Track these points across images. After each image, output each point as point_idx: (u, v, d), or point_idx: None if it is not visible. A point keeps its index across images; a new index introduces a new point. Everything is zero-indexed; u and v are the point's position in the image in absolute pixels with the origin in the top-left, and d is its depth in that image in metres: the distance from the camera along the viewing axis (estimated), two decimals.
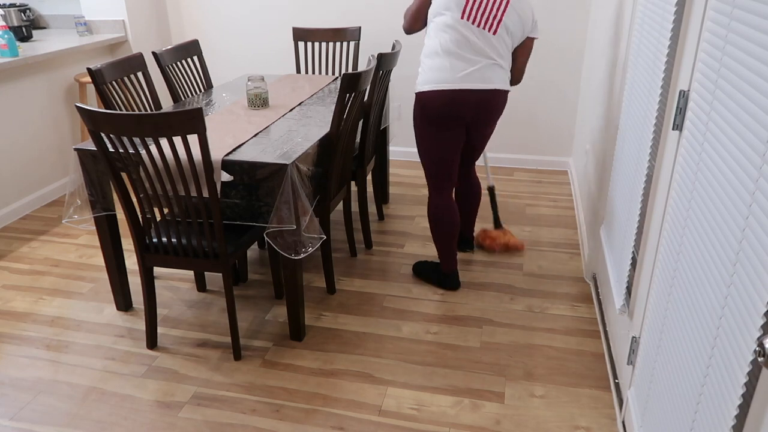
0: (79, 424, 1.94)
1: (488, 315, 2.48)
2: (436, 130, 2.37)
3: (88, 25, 3.99)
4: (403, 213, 3.45)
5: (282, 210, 2.04)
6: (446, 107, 2.30)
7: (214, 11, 4.26)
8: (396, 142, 4.32)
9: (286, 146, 2.19)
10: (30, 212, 3.51)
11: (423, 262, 2.75)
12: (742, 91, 1.07)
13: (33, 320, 2.49)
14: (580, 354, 2.24)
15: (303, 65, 4.11)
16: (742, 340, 0.96)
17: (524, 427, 1.91)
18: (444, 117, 2.33)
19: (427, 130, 2.39)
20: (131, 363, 2.23)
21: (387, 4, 3.94)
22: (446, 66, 2.26)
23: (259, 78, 2.69)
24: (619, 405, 1.94)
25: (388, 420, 1.94)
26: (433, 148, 2.42)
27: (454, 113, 2.31)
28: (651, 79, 1.79)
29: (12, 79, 3.32)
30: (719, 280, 1.10)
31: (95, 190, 2.27)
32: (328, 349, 2.29)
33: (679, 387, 1.28)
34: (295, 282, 2.23)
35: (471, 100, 2.29)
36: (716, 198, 1.15)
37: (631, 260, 1.91)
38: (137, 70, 2.73)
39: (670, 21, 1.61)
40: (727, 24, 1.16)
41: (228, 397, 2.05)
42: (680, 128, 1.47)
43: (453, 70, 2.26)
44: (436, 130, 2.37)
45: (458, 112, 2.31)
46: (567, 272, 2.80)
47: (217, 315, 2.52)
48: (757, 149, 0.98)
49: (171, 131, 1.82)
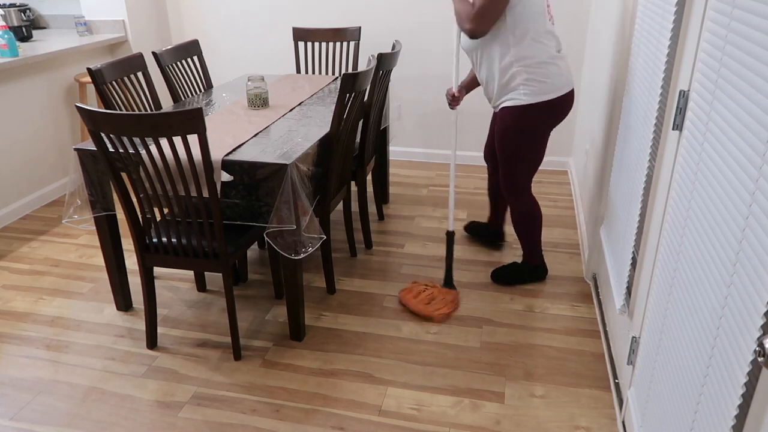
0: (79, 424, 1.94)
1: (488, 315, 2.48)
2: (548, 136, 2.40)
3: (88, 25, 3.99)
4: (403, 213, 3.44)
5: (282, 210, 2.04)
6: (569, 110, 2.36)
7: (214, 11, 4.26)
8: (396, 142, 4.32)
9: (286, 146, 2.19)
10: (30, 212, 3.51)
11: (503, 272, 2.70)
12: (742, 91, 1.07)
13: (33, 320, 2.49)
14: (580, 354, 2.24)
15: (303, 65, 4.11)
16: (742, 340, 0.96)
17: (524, 427, 1.91)
18: (562, 120, 2.38)
19: (544, 138, 2.38)
20: (131, 363, 2.23)
21: (387, 4, 3.94)
22: (561, 69, 2.30)
23: (259, 78, 2.69)
24: (619, 405, 1.94)
25: (388, 420, 1.94)
26: (540, 152, 2.42)
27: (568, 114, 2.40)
28: (651, 79, 1.79)
29: (12, 79, 3.32)
30: (719, 280, 1.10)
31: (95, 190, 2.27)
32: (328, 349, 2.29)
33: (679, 387, 1.28)
34: (295, 282, 2.23)
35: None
36: (716, 198, 1.15)
37: (631, 260, 1.91)
38: (137, 70, 2.73)
39: (670, 21, 1.61)
40: (727, 24, 1.16)
41: (228, 397, 2.05)
42: (680, 128, 1.47)
43: (566, 71, 2.33)
44: (548, 135, 2.40)
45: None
46: (567, 272, 2.80)
47: (217, 315, 2.52)
48: (757, 149, 0.98)
49: (171, 131, 1.82)
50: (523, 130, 2.35)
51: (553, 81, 2.28)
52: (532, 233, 2.60)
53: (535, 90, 2.27)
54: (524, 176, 2.47)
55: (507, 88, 2.32)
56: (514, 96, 2.31)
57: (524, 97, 2.29)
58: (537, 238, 2.62)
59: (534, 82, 2.27)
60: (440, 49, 3.96)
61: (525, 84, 2.27)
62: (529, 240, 2.62)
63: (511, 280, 2.69)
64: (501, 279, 2.69)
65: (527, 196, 2.52)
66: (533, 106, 2.29)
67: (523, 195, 2.51)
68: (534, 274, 2.69)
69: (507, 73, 2.29)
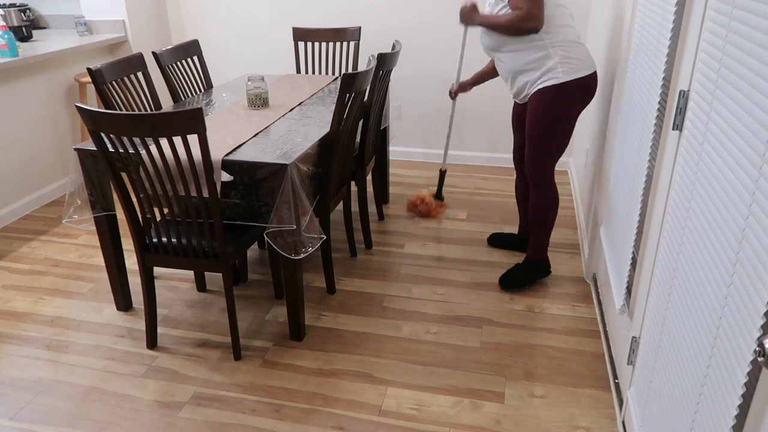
0: (79, 424, 1.94)
1: (488, 315, 2.48)
2: (576, 118, 2.44)
3: (88, 25, 3.99)
4: (403, 213, 3.44)
5: (282, 210, 2.04)
6: (595, 91, 2.42)
7: (214, 11, 4.26)
8: (396, 142, 4.32)
9: (286, 146, 2.19)
10: (30, 212, 3.51)
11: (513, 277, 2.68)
12: (742, 91, 1.07)
13: (33, 320, 2.49)
14: (580, 354, 2.24)
15: (303, 65, 4.11)
16: (742, 340, 0.96)
17: (524, 427, 1.91)
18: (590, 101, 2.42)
19: (574, 120, 2.43)
20: (131, 363, 2.23)
21: (387, 4, 3.94)
22: (586, 50, 2.37)
23: (259, 78, 2.69)
24: (619, 405, 1.94)
25: (388, 420, 1.94)
26: (568, 136, 2.47)
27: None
28: (651, 79, 1.79)
29: (12, 79, 3.32)
30: (719, 280, 1.10)
31: (95, 190, 2.27)
32: (328, 349, 2.29)
33: (679, 387, 1.28)
34: (295, 282, 2.23)
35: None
36: (716, 198, 1.15)
37: (631, 260, 1.91)
38: (137, 70, 2.73)
39: (670, 21, 1.61)
40: (727, 24, 1.16)
41: (228, 397, 2.05)
42: (680, 128, 1.47)
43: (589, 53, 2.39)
44: (577, 118, 2.44)
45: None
46: (567, 272, 2.80)
47: (217, 315, 2.52)
48: (757, 149, 0.98)
49: (171, 131, 1.82)
50: (558, 109, 2.38)
51: (585, 60, 2.34)
52: (546, 225, 2.60)
53: (572, 67, 2.32)
54: (552, 159, 2.50)
55: (542, 71, 2.35)
56: (552, 76, 2.34)
57: (562, 75, 2.32)
58: (549, 230, 2.62)
59: (571, 59, 2.32)
60: (440, 49, 3.96)
61: (562, 62, 2.32)
62: (543, 232, 2.61)
63: (521, 283, 2.66)
64: (513, 285, 2.66)
65: (552, 182, 2.54)
66: (570, 83, 2.33)
67: (549, 179, 2.53)
68: (544, 271, 2.69)
69: (542, 57, 2.33)
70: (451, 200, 3.61)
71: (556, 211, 2.58)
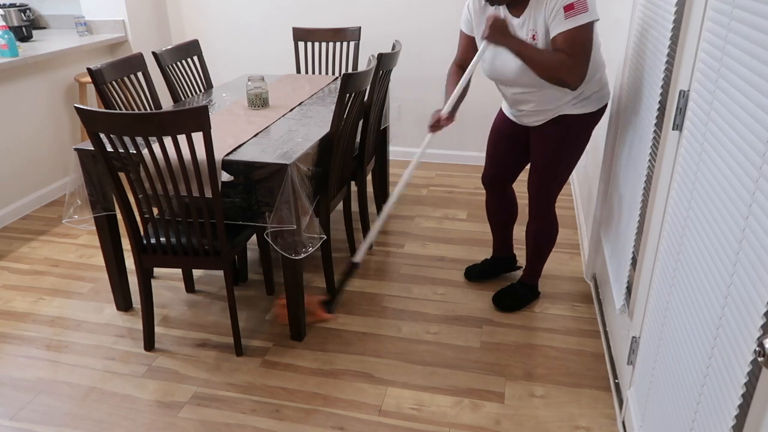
0: (79, 424, 1.94)
1: (488, 315, 2.48)
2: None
3: (88, 25, 3.99)
4: (403, 213, 3.44)
5: (282, 210, 2.04)
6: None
7: (214, 11, 4.26)
8: (396, 142, 4.32)
9: (286, 146, 2.19)
10: (30, 212, 3.51)
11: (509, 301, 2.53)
12: (742, 91, 1.07)
13: (33, 320, 2.49)
14: (580, 354, 2.24)
15: (303, 65, 4.11)
16: (742, 340, 0.96)
17: (524, 427, 1.91)
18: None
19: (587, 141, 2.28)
20: (131, 363, 2.23)
21: (387, 5, 3.94)
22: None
23: (259, 78, 2.69)
24: (619, 405, 1.94)
25: (388, 420, 1.94)
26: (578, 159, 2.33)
27: None
28: (651, 79, 1.79)
29: (12, 79, 3.32)
30: (719, 280, 1.10)
31: (95, 190, 2.27)
32: (328, 349, 2.29)
33: (679, 387, 1.28)
34: (295, 282, 2.23)
35: None
36: (716, 198, 1.15)
37: (631, 260, 1.91)
38: (137, 70, 2.73)
39: (670, 21, 1.61)
40: (727, 24, 1.16)
41: (228, 397, 2.05)
42: (680, 128, 1.47)
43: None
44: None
45: None
46: (567, 272, 2.80)
47: (217, 315, 2.52)
48: (757, 149, 0.98)
49: (176, 129, 1.82)
50: (582, 135, 2.20)
51: (608, 83, 2.21)
52: (544, 253, 2.49)
53: (602, 94, 2.17)
54: (562, 186, 2.34)
55: (572, 96, 2.12)
56: (585, 104, 2.14)
57: (595, 103, 2.15)
58: (546, 258, 2.52)
59: (603, 86, 2.17)
60: (440, 50, 3.96)
61: (598, 91, 2.14)
62: (541, 259, 2.50)
63: (515, 307, 2.53)
64: (509, 308, 2.52)
65: (554, 210, 2.41)
66: (599, 111, 2.18)
67: (553, 208, 2.39)
68: (534, 294, 2.58)
69: (583, 90, 2.12)
70: (451, 200, 3.61)
71: (556, 239, 2.48)
